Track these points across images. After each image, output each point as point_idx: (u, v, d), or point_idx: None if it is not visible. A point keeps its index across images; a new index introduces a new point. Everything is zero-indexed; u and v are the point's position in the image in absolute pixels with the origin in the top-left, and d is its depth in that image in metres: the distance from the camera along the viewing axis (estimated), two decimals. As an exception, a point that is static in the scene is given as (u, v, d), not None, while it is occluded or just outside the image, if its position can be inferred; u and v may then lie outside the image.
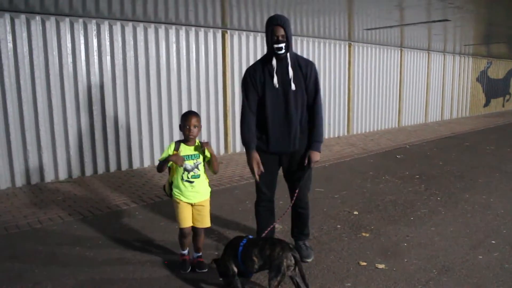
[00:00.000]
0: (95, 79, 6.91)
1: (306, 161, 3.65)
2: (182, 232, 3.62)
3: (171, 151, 3.47)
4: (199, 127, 3.50)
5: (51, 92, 6.50)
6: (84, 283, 3.46)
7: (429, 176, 6.98)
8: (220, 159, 8.26)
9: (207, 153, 3.55)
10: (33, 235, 4.48)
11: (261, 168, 3.63)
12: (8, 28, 6.07)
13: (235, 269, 3.19)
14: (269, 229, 3.69)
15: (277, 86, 3.51)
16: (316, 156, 3.65)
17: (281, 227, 4.62)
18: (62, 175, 6.76)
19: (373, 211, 5.25)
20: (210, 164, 3.61)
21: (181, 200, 3.53)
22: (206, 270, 3.62)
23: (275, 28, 3.42)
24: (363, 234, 4.48)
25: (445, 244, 4.22)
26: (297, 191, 3.67)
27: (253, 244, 3.14)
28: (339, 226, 4.73)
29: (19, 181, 6.38)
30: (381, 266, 3.73)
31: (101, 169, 7.14)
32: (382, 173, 7.23)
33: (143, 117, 7.54)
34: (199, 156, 3.54)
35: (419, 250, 4.08)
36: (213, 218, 4.93)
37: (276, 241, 3.16)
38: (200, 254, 3.73)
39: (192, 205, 3.57)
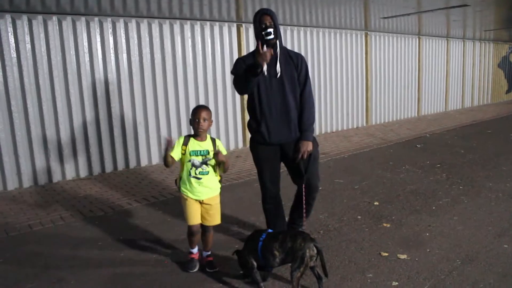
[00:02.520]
0: (112, 76, 6.97)
1: (297, 154, 3.54)
2: (190, 230, 3.49)
3: (179, 144, 3.35)
4: (210, 121, 3.36)
5: (70, 90, 6.58)
6: (106, 280, 3.50)
7: (450, 165, 6.87)
8: (238, 153, 8.27)
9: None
10: (55, 232, 4.55)
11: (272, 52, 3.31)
12: (26, 29, 6.15)
13: (254, 264, 3.19)
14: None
15: (265, 73, 3.44)
16: (305, 145, 3.53)
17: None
18: (83, 173, 6.85)
19: (393, 201, 5.19)
20: (220, 165, 3.46)
21: (188, 197, 3.41)
22: (217, 269, 3.52)
23: (262, 17, 3.43)
24: (384, 224, 4.44)
25: (468, 233, 4.15)
26: (304, 185, 3.62)
27: (273, 238, 3.13)
28: (359, 217, 4.69)
29: (42, 179, 6.48)
30: (403, 256, 3.69)
31: (120, 165, 7.21)
32: (402, 163, 7.13)
33: (161, 113, 7.58)
34: (208, 153, 3.37)
35: (442, 239, 4.02)
36: (232, 211, 4.97)
37: (296, 232, 3.15)
38: (209, 253, 3.62)
39: (200, 202, 3.45)
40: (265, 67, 3.38)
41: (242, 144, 8.83)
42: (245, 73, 3.36)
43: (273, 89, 3.51)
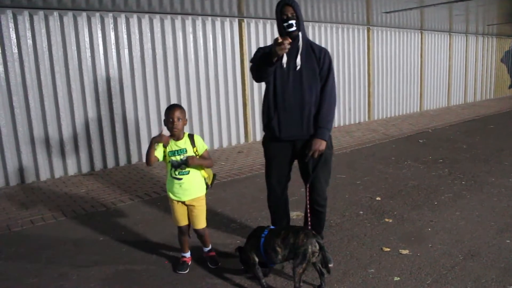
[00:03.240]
0: (113, 72, 6.96)
1: (308, 151, 3.30)
2: (179, 230, 3.47)
3: (160, 146, 3.26)
4: (184, 120, 3.26)
5: (71, 86, 6.58)
6: (108, 276, 3.51)
7: (452, 160, 6.85)
8: (240, 148, 8.26)
9: (200, 151, 3.33)
10: (57, 227, 4.56)
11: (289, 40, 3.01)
12: (28, 25, 6.14)
13: (256, 259, 3.18)
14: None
15: (285, 66, 3.26)
16: (318, 144, 3.26)
17: (303, 214, 4.59)
18: (85, 169, 6.86)
19: (396, 196, 5.18)
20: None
21: (171, 198, 3.36)
22: (219, 264, 3.51)
23: (284, 8, 3.23)
24: (386, 219, 4.43)
25: (470, 228, 4.14)
26: (308, 186, 3.40)
27: (275, 234, 3.11)
28: (361, 212, 4.69)
29: (44, 175, 6.49)
30: (405, 251, 3.68)
31: (122, 161, 7.22)
32: (404, 158, 7.12)
33: (163, 108, 7.55)
34: (186, 151, 3.27)
35: (444, 235, 4.01)
36: (234, 207, 4.97)
37: (299, 228, 3.14)
38: (210, 248, 3.58)
39: (184, 203, 3.37)
40: (284, 59, 3.25)
41: (243, 139, 8.82)
42: (260, 60, 3.17)
43: (290, 83, 3.28)
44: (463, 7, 8.46)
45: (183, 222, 3.42)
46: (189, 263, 3.53)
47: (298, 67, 3.28)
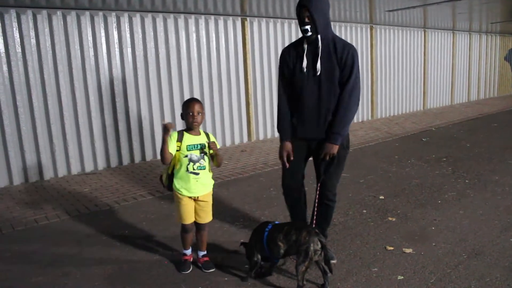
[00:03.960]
0: (116, 71, 6.97)
1: (321, 153, 3.35)
2: (184, 228, 3.42)
3: (174, 140, 3.22)
4: (203, 114, 3.31)
5: (74, 85, 6.59)
6: (112, 274, 3.51)
7: (456, 159, 6.84)
8: (243, 147, 8.27)
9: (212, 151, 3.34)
10: (61, 226, 4.57)
11: (291, 158, 3.42)
12: (31, 24, 6.15)
13: (259, 258, 3.21)
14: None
15: (305, 70, 3.28)
16: (329, 148, 3.30)
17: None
18: (88, 167, 6.87)
19: (399, 195, 5.17)
20: (214, 158, 3.37)
21: (184, 195, 3.31)
22: (214, 269, 3.45)
23: (300, 10, 3.21)
24: (390, 218, 4.42)
25: (474, 227, 4.13)
26: (319, 184, 3.43)
27: (279, 229, 3.13)
28: (364, 211, 4.68)
29: (47, 174, 6.51)
30: (408, 250, 3.68)
31: (126, 160, 7.23)
32: (408, 156, 7.11)
33: (166, 107, 7.58)
34: (205, 146, 3.30)
35: (448, 233, 4.00)
36: (237, 205, 4.97)
37: (302, 225, 3.14)
38: (205, 252, 3.54)
39: (194, 199, 3.36)
40: (304, 63, 3.27)
41: (247, 138, 8.82)
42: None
43: (310, 88, 3.31)
44: (466, 5, 8.44)
45: (192, 219, 3.40)
46: (191, 260, 3.52)
47: (318, 72, 3.27)
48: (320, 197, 3.47)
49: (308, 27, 3.20)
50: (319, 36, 3.24)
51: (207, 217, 3.45)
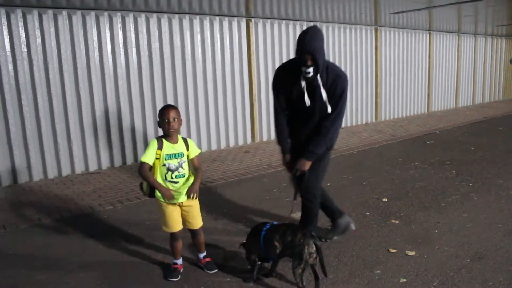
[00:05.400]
0: (121, 71, 6.99)
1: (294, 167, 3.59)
2: (173, 236, 3.33)
3: (153, 149, 3.16)
4: (180, 119, 3.20)
5: (79, 85, 6.61)
6: (115, 274, 3.52)
7: (460, 162, 6.81)
8: (247, 148, 8.27)
9: (192, 154, 3.30)
10: (65, 225, 4.59)
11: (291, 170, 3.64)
12: (37, 23, 6.18)
13: (257, 259, 3.24)
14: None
15: (308, 103, 3.44)
16: (302, 164, 3.51)
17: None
18: (92, 167, 6.89)
19: (402, 197, 5.16)
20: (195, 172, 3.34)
21: (166, 202, 3.23)
22: (216, 270, 3.43)
23: (303, 56, 3.26)
24: (393, 221, 4.41)
25: (478, 230, 4.11)
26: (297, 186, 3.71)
27: (275, 229, 3.14)
28: (368, 213, 4.67)
29: (51, 173, 6.53)
30: (411, 253, 3.67)
31: (129, 160, 7.24)
32: (412, 159, 7.09)
33: (170, 108, 7.58)
34: (183, 155, 3.23)
35: (451, 237, 3.99)
36: (240, 206, 4.97)
37: (298, 227, 3.14)
38: (205, 253, 3.51)
39: (179, 205, 3.29)
40: (307, 100, 3.42)
41: (250, 139, 8.82)
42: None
43: (303, 117, 3.56)
44: (472, 7, 8.41)
45: (179, 226, 3.32)
46: (181, 270, 3.44)
47: (312, 105, 3.45)
48: (302, 198, 3.74)
49: (311, 69, 3.28)
50: (318, 76, 3.35)
51: (196, 222, 3.39)
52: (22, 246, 4.07)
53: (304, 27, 9.21)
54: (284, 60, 8.95)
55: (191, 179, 3.30)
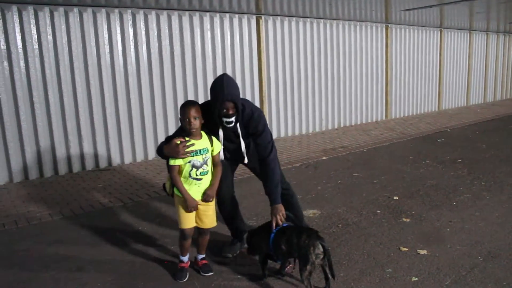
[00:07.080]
0: (131, 68, 7.01)
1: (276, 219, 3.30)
2: (184, 233, 3.28)
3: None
4: (200, 118, 3.12)
5: (90, 82, 6.64)
6: (125, 270, 3.53)
7: (471, 160, 6.75)
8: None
9: (216, 150, 3.30)
10: (75, 222, 4.61)
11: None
12: (48, 21, 6.21)
13: (266, 259, 3.25)
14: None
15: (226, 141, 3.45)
16: (278, 210, 3.31)
17: (319, 213, 4.57)
18: (102, 163, 6.92)
19: (414, 196, 5.12)
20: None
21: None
22: (212, 273, 3.37)
23: (224, 104, 3.13)
24: (404, 219, 4.38)
25: (490, 229, 4.07)
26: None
27: (283, 232, 3.13)
28: (378, 211, 4.64)
29: (62, 169, 6.57)
30: (423, 251, 3.64)
31: (139, 157, 7.27)
32: (422, 157, 7.04)
33: (180, 104, 7.54)
34: (207, 150, 3.19)
35: (463, 235, 3.95)
36: (250, 203, 4.97)
37: (304, 229, 3.13)
38: (204, 256, 3.47)
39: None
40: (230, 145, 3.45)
41: (260, 137, 8.79)
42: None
43: (232, 151, 3.54)
44: (484, 4, 8.33)
45: (193, 223, 3.29)
46: (187, 268, 3.42)
47: (237, 146, 3.46)
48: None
49: (233, 118, 3.20)
50: (238, 124, 3.30)
51: (210, 221, 3.35)
52: (33, 242, 4.10)
53: (314, 25, 9.23)
54: (295, 57, 9.04)
55: (211, 178, 3.27)
